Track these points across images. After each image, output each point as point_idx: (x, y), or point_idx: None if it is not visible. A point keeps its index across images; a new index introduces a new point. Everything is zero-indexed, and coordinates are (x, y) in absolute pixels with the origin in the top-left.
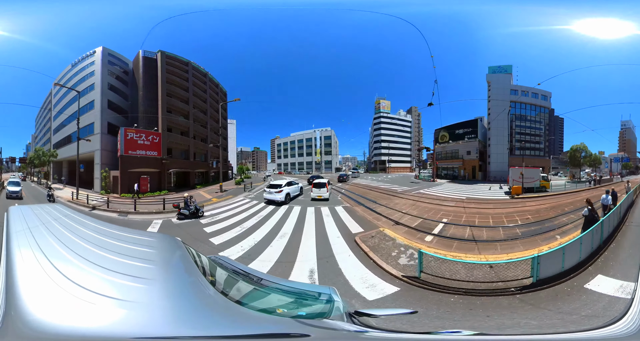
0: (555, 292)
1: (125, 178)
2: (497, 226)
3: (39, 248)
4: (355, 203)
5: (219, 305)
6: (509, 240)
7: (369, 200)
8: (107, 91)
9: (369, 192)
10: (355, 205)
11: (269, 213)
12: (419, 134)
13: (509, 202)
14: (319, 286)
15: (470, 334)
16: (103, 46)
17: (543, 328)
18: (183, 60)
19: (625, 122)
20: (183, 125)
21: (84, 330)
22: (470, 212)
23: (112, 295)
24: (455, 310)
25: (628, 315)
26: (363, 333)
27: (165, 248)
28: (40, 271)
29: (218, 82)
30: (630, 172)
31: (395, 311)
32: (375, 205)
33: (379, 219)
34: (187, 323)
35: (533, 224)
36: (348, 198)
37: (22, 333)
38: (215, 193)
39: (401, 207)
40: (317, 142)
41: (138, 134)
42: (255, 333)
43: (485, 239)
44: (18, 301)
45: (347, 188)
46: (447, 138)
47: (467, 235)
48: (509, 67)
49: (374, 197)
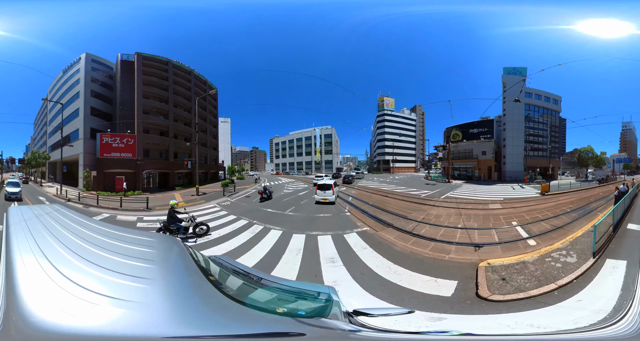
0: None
1: (101, 178)
2: (560, 214)
3: (39, 249)
4: (377, 222)
5: (219, 304)
6: (580, 218)
7: (395, 214)
8: (90, 98)
9: (386, 200)
10: (378, 227)
11: (226, 236)
12: (423, 133)
13: (544, 199)
14: (318, 286)
15: (457, 334)
16: (87, 52)
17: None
18: (162, 59)
19: (626, 123)
20: (163, 126)
21: (85, 330)
22: (523, 211)
23: (112, 295)
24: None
25: (628, 316)
26: (356, 332)
27: (165, 248)
28: (41, 272)
29: (206, 79)
30: (631, 172)
31: (392, 310)
32: (411, 223)
33: (444, 250)
34: (187, 323)
35: (576, 210)
36: (361, 213)
37: (23, 334)
38: (191, 196)
39: (451, 220)
40: (317, 140)
41: (112, 138)
42: (255, 332)
43: (568, 222)
44: (19, 302)
45: (355, 194)
46: (459, 137)
47: (549, 226)
48: (523, 70)
49: (397, 207)
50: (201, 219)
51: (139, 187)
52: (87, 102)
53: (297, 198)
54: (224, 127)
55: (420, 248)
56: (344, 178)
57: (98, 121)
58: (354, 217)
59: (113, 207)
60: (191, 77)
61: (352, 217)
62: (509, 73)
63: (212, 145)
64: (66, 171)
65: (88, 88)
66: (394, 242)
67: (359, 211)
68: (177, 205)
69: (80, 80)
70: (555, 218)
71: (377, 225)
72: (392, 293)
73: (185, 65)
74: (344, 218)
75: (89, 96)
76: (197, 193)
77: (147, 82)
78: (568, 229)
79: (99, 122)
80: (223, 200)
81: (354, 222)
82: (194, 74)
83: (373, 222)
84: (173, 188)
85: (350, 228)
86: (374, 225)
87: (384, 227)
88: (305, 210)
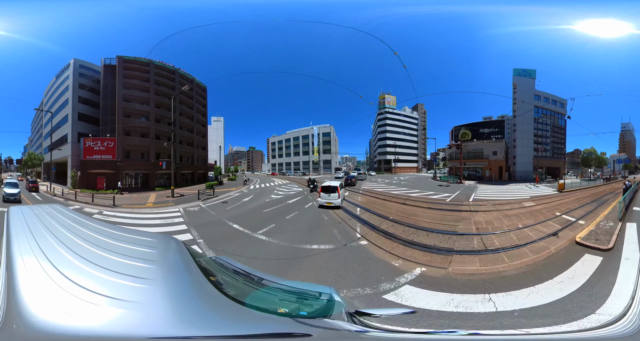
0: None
1: (84, 178)
2: (584, 205)
3: (40, 249)
4: (424, 253)
5: (220, 305)
6: (600, 206)
7: (437, 232)
8: (78, 105)
9: (409, 211)
10: (436, 261)
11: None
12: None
13: (563, 195)
14: (319, 286)
15: (465, 334)
16: (74, 58)
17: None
18: (143, 61)
19: (625, 124)
20: (144, 127)
21: (85, 331)
22: (554, 205)
23: (113, 295)
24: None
25: (628, 316)
26: (364, 333)
27: (166, 249)
28: (41, 272)
29: (193, 78)
30: (629, 172)
31: (394, 311)
32: (473, 238)
33: (544, 248)
34: (188, 323)
35: (594, 202)
36: (385, 238)
37: (23, 334)
38: (166, 197)
39: (506, 223)
40: (315, 139)
41: (94, 142)
42: (257, 332)
43: (592, 209)
44: (19, 302)
45: (362, 203)
46: (468, 136)
47: (584, 212)
48: (533, 72)
49: (429, 219)
50: (146, 226)
51: (117, 186)
52: (75, 109)
53: (283, 210)
54: (217, 126)
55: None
56: (346, 180)
57: (85, 125)
58: (376, 248)
59: (86, 201)
60: (175, 77)
61: (372, 248)
62: (519, 74)
63: (201, 144)
64: (58, 171)
65: (76, 95)
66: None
67: (380, 234)
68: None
69: (69, 87)
70: (581, 207)
71: (427, 257)
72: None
73: (169, 64)
74: (357, 254)
75: (76, 103)
76: (172, 195)
77: (128, 85)
78: (596, 213)
79: (87, 126)
80: (193, 205)
81: (380, 258)
82: (179, 73)
83: (417, 253)
84: (153, 189)
85: (381, 281)
86: (423, 259)
87: (445, 258)
88: (290, 232)
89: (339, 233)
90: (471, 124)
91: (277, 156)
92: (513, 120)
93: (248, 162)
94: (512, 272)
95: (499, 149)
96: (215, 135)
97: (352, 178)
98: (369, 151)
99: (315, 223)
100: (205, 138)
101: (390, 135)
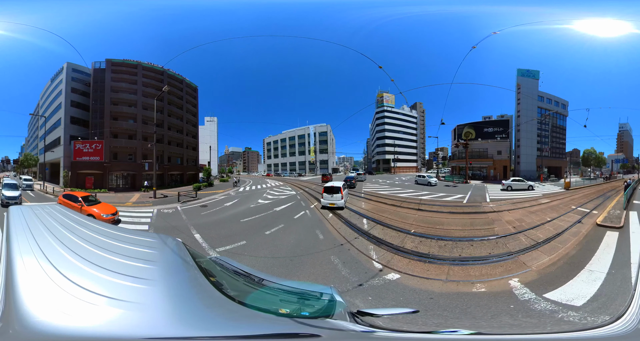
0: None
1: (74, 177)
2: (592, 199)
3: (40, 249)
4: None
5: (221, 305)
6: (605, 200)
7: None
8: (70, 108)
9: (430, 219)
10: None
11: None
12: (423, 132)
13: (571, 192)
14: (319, 286)
15: (467, 333)
16: (67, 62)
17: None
18: (131, 63)
19: (623, 124)
20: (131, 129)
21: (85, 331)
22: (566, 201)
23: (113, 296)
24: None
25: (627, 315)
26: (371, 333)
27: (166, 249)
28: (41, 272)
29: (183, 78)
30: (627, 171)
31: (396, 310)
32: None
33: (565, 240)
34: (188, 324)
35: (599, 197)
36: (415, 262)
37: (23, 334)
38: (149, 198)
39: (533, 218)
40: (312, 139)
41: (84, 144)
42: (260, 333)
43: (600, 203)
44: (19, 302)
45: (368, 213)
46: (472, 135)
47: (593, 205)
48: (536, 73)
49: (458, 226)
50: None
51: (105, 186)
52: (67, 113)
53: (265, 220)
54: (210, 126)
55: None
56: (345, 182)
57: (78, 128)
58: (416, 280)
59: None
60: (164, 78)
61: (409, 281)
62: (523, 75)
63: (191, 145)
64: (52, 171)
65: (68, 99)
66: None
67: (414, 259)
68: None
69: (62, 92)
70: (590, 202)
71: (498, 269)
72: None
73: (157, 65)
74: (389, 297)
75: (69, 107)
76: (154, 196)
77: (117, 88)
78: (604, 205)
79: (79, 129)
80: (170, 207)
81: (444, 292)
82: (168, 74)
83: (480, 270)
84: (139, 189)
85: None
86: (497, 272)
87: (516, 263)
88: (262, 258)
89: (343, 264)
90: (475, 123)
91: (273, 156)
92: (517, 120)
93: (244, 163)
94: (574, 252)
95: (503, 149)
96: (208, 135)
97: (351, 180)
98: (366, 151)
99: (306, 243)
100: (195, 138)
101: (389, 134)
